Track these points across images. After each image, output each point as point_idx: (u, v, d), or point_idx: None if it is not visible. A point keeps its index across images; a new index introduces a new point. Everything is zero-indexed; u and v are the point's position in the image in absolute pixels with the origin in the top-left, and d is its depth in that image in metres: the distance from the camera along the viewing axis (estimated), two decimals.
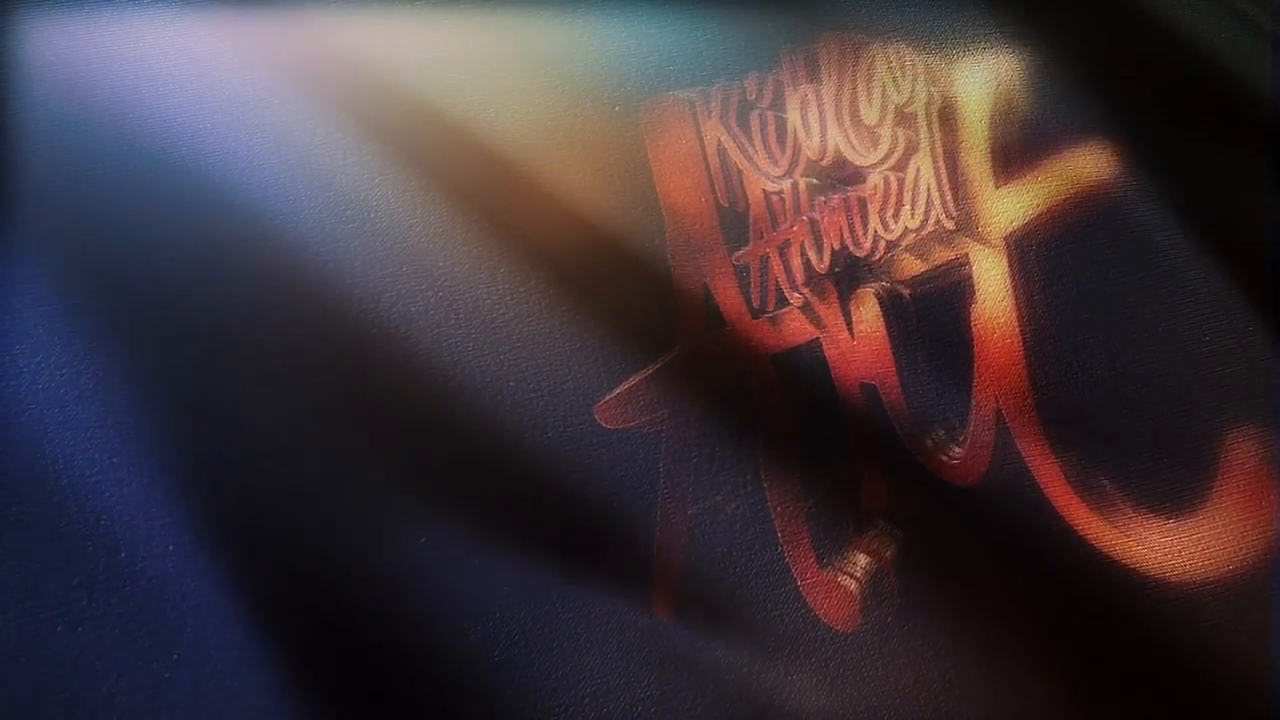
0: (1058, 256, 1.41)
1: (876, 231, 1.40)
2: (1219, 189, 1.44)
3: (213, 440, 1.24)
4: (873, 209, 1.40)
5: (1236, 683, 1.40)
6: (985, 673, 1.39)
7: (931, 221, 1.41)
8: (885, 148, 1.39)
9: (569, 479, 1.32)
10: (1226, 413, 1.41)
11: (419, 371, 1.30)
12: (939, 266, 1.42)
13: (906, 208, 1.40)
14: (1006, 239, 1.41)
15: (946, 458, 1.41)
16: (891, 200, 1.40)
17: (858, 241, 1.40)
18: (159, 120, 1.26)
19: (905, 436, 1.40)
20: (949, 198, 1.41)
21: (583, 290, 1.34)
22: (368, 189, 1.30)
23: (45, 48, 1.25)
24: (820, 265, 1.40)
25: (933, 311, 1.41)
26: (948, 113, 1.41)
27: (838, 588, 1.38)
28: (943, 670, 1.39)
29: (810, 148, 1.39)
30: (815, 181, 1.40)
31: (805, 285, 1.40)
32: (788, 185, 1.39)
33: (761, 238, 1.39)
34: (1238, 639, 1.40)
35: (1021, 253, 1.41)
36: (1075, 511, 1.41)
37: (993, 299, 1.41)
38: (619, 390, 1.34)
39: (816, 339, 1.41)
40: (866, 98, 1.39)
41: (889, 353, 1.40)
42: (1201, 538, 1.41)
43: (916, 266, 1.41)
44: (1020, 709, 1.39)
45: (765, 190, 1.39)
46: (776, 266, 1.40)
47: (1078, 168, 1.43)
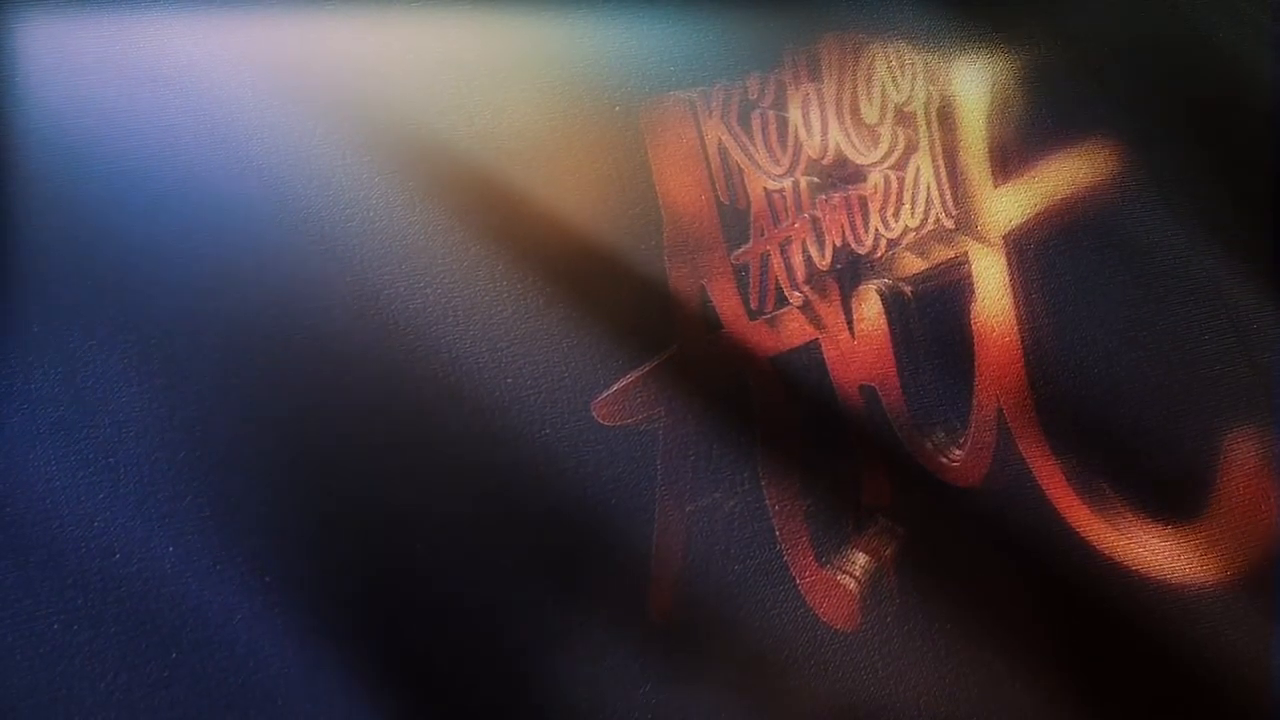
0: (1056, 255, 1.42)
1: (877, 230, 1.40)
2: (1217, 187, 1.44)
3: (211, 439, 1.24)
4: (873, 207, 1.40)
5: (1236, 684, 1.40)
6: (985, 673, 1.39)
7: (931, 220, 1.41)
8: (885, 146, 1.40)
9: (566, 477, 1.32)
10: (1226, 412, 1.42)
11: (417, 369, 1.29)
12: (939, 265, 1.42)
13: (906, 206, 1.40)
14: (1005, 238, 1.42)
15: (947, 459, 1.41)
16: (892, 199, 1.40)
17: (859, 239, 1.40)
18: (159, 120, 1.26)
19: (905, 438, 1.40)
20: (948, 196, 1.41)
21: (581, 289, 1.34)
22: (368, 188, 1.30)
23: (44, 48, 1.25)
24: (822, 262, 1.40)
25: (933, 310, 1.42)
26: (947, 112, 1.41)
27: (837, 586, 1.38)
28: (943, 671, 1.39)
29: (811, 146, 1.39)
30: (816, 180, 1.40)
31: (806, 283, 1.40)
32: (789, 183, 1.39)
33: (763, 235, 1.39)
34: (1238, 641, 1.40)
35: (1020, 251, 1.42)
36: (1076, 513, 1.41)
37: (992, 297, 1.41)
38: (616, 387, 1.33)
39: (815, 340, 1.41)
40: (867, 97, 1.40)
41: (890, 352, 1.40)
42: (1202, 540, 1.41)
43: (917, 265, 1.42)
44: (1020, 710, 1.39)
45: (766, 188, 1.39)
46: (777, 264, 1.40)
47: (1076, 167, 1.43)
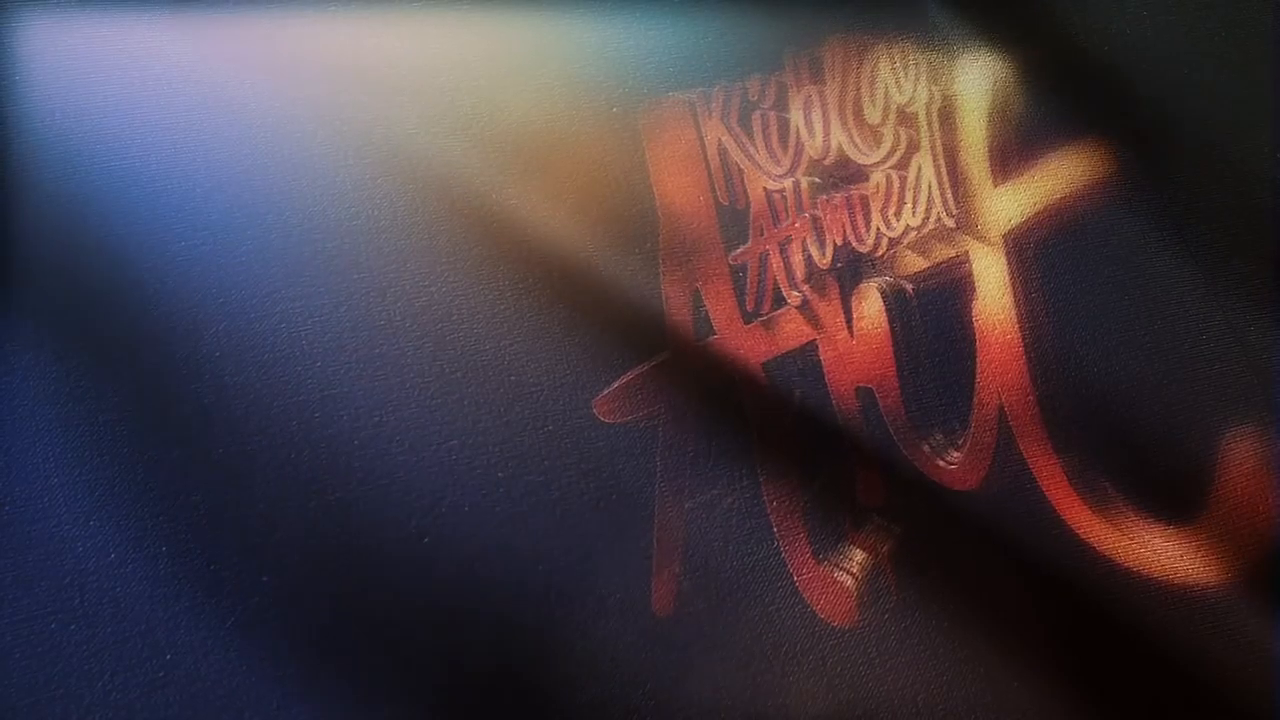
0: (1056, 254, 1.42)
1: (879, 229, 1.40)
2: (1216, 187, 1.44)
3: (210, 438, 1.24)
4: (875, 206, 1.40)
5: (1237, 684, 1.40)
6: (984, 672, 1.39)
7: (933, 219, 1.41)
8: (888, 146, 1.40)
9: (568, 473, 1.32)
10: (1224, 411, 1.42)
11: (420, 367, 1.29)
12: (940, 264, 1.42)
13: (908, 205, 1.40)
14: (1006, 237, 1.42)
15: (944, 462, 1.41)
16: (894, 198, 1.40)
17: (860, 238, 1.40)
18: (161, 120, 1.26)
19: (901, 442, 1.40)
20: (950, 196, 1.41)
21: (578, 291, 1.34)
22: (369, 189, 1.30)
23: (45, 49, 1.25)
24: (822, 261, 1.40)
25: (934, 307, 1.41)
26: (948, 112, 1.41)
27: (834, 583, 1.38)
28: (940, 669, 1.39)
29: (813, 147, 1.39)
30: (817, 180, 1.40)
31: (805, 282, 1.40)
32: (789, 183, 1.39)
33: (762, 235, 1.39)
34: (1238, 640, 1.40)
35: (1020, 250, 1.41)
36: (1076, 513, 1.40)
37: (993, 295, 1.41)
38: (615, 385, 1.33)
39: (813, 341, 1.40)
40: (870, 98, 1.40)
41: (889, 351, 1.40)
42: (1203, 540, 1.40)
43: (918, 263, 1.41)
44: (1019, 709, 1.39)
45: (767, 188, 1.39)
46: (776, 263, 1.39)
47: (1075, 167, 1.43)
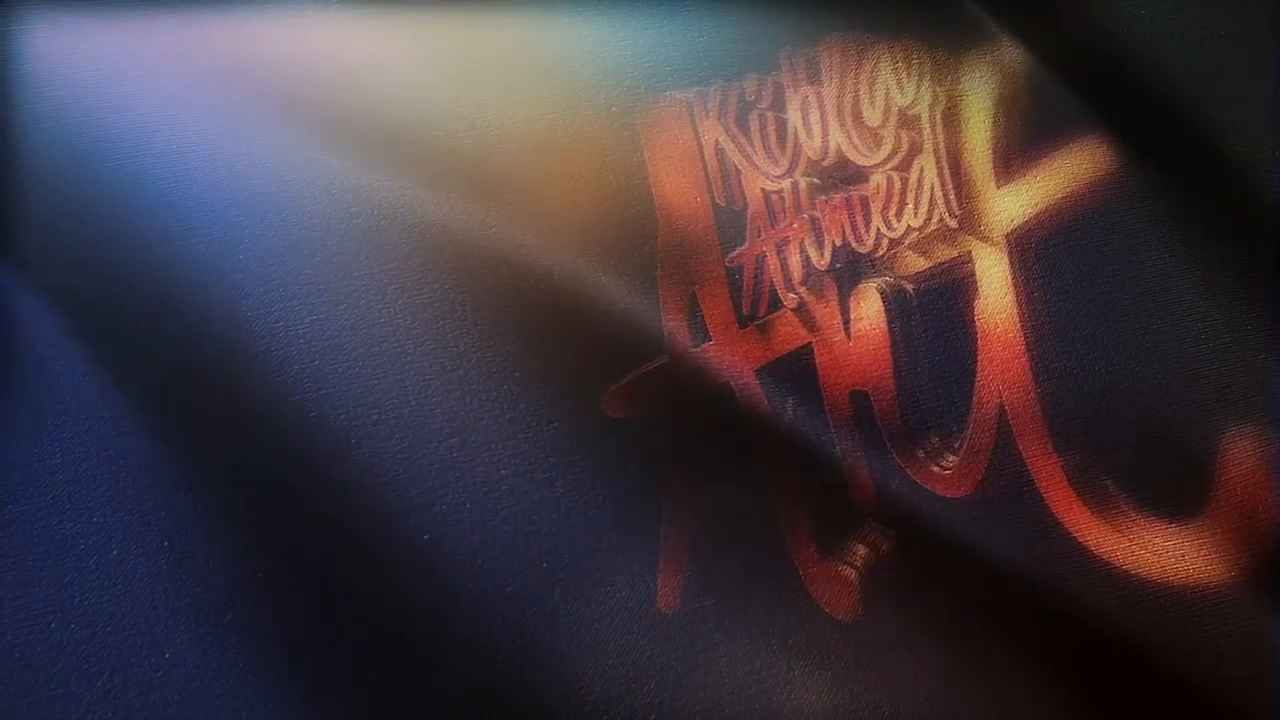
0: (1058, 254, 1.41)
1: (879, 229, 1.40)
2: (1217, 187, 1.43)
3: (212, 436, 1.24)
4: (875, 207, 1.40)
5: (1237, 684, 1.39)
6: (983, 673, 1.38)
7: (934, 220, 1.41)
8: (888, 148, 1.39)
9: (574, 469, 1.32)
10: (1224, 411, 1.41)
11: (422, 364, 1.30)
12: (941, 264, 1.41)
13: (910, 207, 1.40)
14: (1008, 237, 1.41)
15: (939, 467, 1.40)
16: (894, 199, 1.40)
17: (860, 238, 1.40)
18: (162, 121, 1.27)
19: (895, 448, 1.39)
20: (952, 197, 1.40)
21: (577, 292, 1.34)
22: (370, 188, 1.30)
23: (44, 49, 1.25)
24: (820, 262, 1.39)
25: (935, 307, 1.41)
26: (951, 114, 1.41)
27: (839, 577, 1.37)
28: (943, 663, 1.38)
29: (811, 148, 1.39)
30: (816, 181, 1.39)
31: (803, 284, 1.40)
32: (788, 184, 1.39)
33: (759, 235, 1.39)
34: (1238, 641, 1.39)
35: (1023, 250, 1.41)
36: (1075, 516, 1.39)
37: (995, 294, 1.41)
38: (614, 388, 1.34)
39: (808, 345, 1.40)
40: (869, 99, 1.39)
41: (887, 352, 1.40)
42: (1202, 539, 1.39)
43: (919, 264, 1.41)
44: (1021, 702, 1.38)
45: (765, 189, 1.39)
46: (773, 265, 1.39)
47: (1077, 167, 1.43)
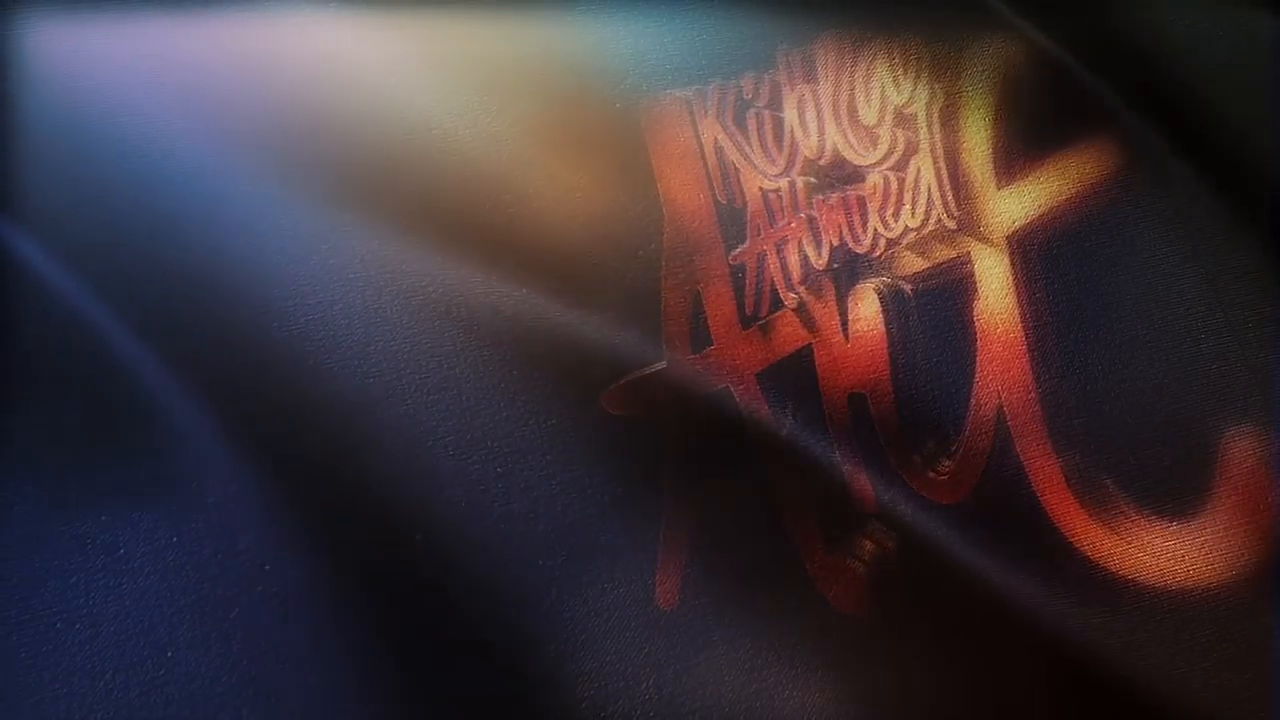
0: (1060, 255, 1.41)
1: (876, 230, 1.40)
2: (1219, 187, 1.43)
3: (213, 435, 1.25)
4: (872, 208, 1.40)
5: (1237, 687, 1.38)
6: (983, 676, 1.38)
7: (932, 221, 1.41)
8: (885, 148, 1.39)
9: (569, 468, 1.32)
10: (1225, 411, 1.40)
11: (421, 363, 1.30)
12: (940, 265, 1.41)
13: (907, 207, 1.40)
14: (1009, 238, 1.41)
15: (935, 474, 1.40)
16: (891, 199, 1.40)
17: (857, 238, 1.40)
18: (163, 121, 1.28)
19: (893, 452, 1.39)
20: (950, 197, 1.40)
21: (581, 289, 1.34)
22: (366, 187, 1.31)
23: (44, 49, 1.27)
24: (818, 262, 1.40)
25: (934, 307, 1.41)
26: (949, 112, 1.41)
27: (846, 571, 1.37)
28: (941, 669, 1.38)
29: (808, 147, 1.39)
30: (813, 180, 1.40)
31: (801, 283, 1.40)
32: (785, 183, 1.39)
33: (759, 234, 1.39)
34: (1237, 641, 1.38)
35: (1024, 252, 1.41)
36: (1073, 519, 1.39)
37: (995, 295, 1.40)
38: (615, 386, 1.34)
39: (808, 345, 1.40)
40: (865, 98, 1.39)
41: (885, 352, 1.40)
42: (1202, 539, 1.39)
43: (917, 264, 1.41)
44: (1025, 699, 1.38)
45: (763, 188, 1.39)
46: (773, 264, 1.39)
47: (1079, 167, 1.42)
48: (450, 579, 1.29)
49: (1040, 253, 1.41)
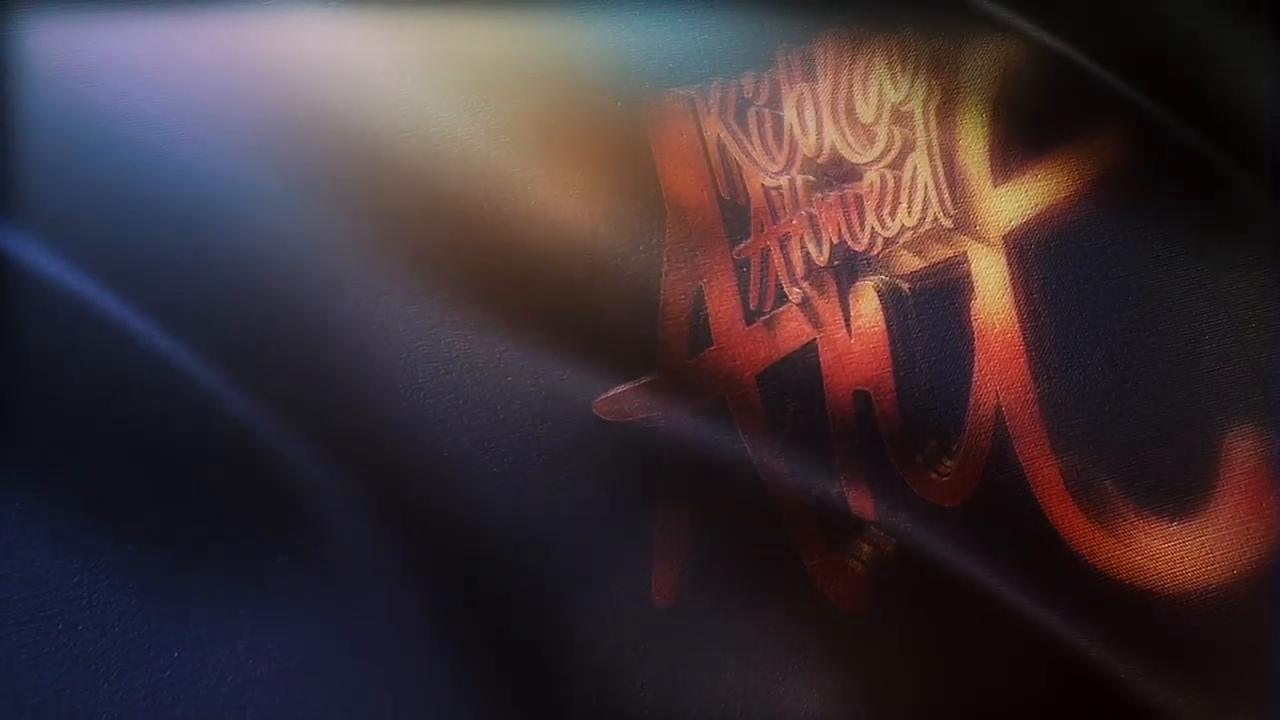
0: (1058, 254, 1.42)
1: (874, 228, 1.40)
2: (1218, 186, 1.44)
3: (216, 434, 1.24)
4: (869, 206, 1.40)
5: (1236, 686, 1.39)
6: (982, 678, 1.39)
7: (929, 220, 1.41)
8: (881, 146, 1.40)
9: (565, 470, 1.32)
10: (1225, 411, 1.41)
11: (420, 364, 1.30)
12: (937, 264, 1.42)
13: (904, 205, 1.40)
14: (1006, 237, 1.41)
15: (937, 475, 1.40)
16: (888, 198, 1.40)
17: (855, 236, 1.40)
18: (164, 121, 1.27)
19: (894, 453, 1.40)
20: (946, 196, 1.41)
21: (583, 290, 1.34)
22: (370, 188, 1.31)
23: (44, 49, 1.26)
24: (820, 259, 1.40)
25: (931, 306, 1.41)
26: (946, 111, 1.41)
27: (845, 569, 1.37)
28: (940, 670, 1.38)
29: (807, 145, 1.40)
30: (813, 178, 1.40)
31: (805, 279, 1.40)
32: (786, 181, 1.39)
33: (762, 231, 1.40)
34: (1237, 642, 1.39)
35: (1021, 251, 1.41)
36: (1071, 522, 1.39)
37: (992, 296, 1.41)
38: (615, 391, 1.34)
39: (813, 341, 1.40)
40: (863, 96, 1.40)
41: (886, 350, 1.40)
42: (1203, 542, 1.39)
43: (914, 263, 1.42)
44: (1025, 698, 1.39)
45: (765, 185, 1.40)
46: (777, 259, 1.40)
47: (1076, 165, 1.43)
48: (449, 578, 1.29)
49: (1037, 252, 1.41)
